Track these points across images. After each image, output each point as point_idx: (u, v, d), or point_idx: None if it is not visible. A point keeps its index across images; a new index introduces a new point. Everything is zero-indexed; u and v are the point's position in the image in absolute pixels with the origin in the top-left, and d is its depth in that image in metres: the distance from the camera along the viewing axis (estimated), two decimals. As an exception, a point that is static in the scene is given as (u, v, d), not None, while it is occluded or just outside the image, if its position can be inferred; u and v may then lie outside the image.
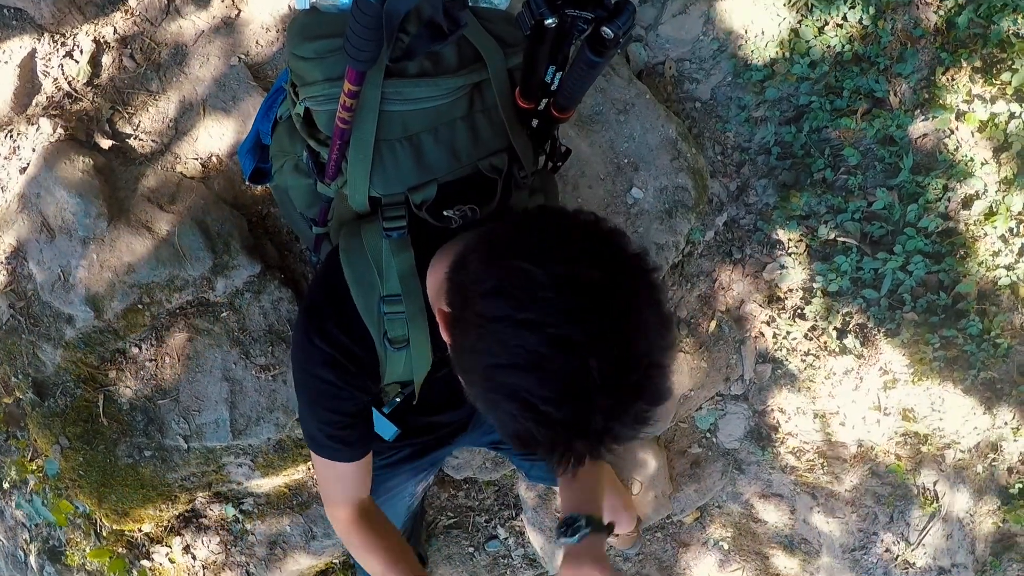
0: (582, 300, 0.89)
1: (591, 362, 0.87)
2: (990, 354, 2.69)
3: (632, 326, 0.91)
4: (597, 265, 0.91)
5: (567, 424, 0.90)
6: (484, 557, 2.77)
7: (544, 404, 0.89)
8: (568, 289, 0.89)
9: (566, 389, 0.89)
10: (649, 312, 0.94)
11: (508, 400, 0.92)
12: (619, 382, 0.89)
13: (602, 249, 0.95)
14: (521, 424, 0.92)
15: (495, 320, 0.91)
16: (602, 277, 0.90)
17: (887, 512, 2.94)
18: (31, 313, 2.12)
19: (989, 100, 2.52)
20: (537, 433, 0.91)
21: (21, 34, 2.24)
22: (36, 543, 2.46)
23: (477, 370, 0.95)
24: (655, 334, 0.94)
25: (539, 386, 0.89)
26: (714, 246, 2.76)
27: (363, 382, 1.37)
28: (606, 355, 0.88)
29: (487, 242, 1.00)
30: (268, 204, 2.27)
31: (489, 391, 0.95)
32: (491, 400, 0.95)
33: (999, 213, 2.57)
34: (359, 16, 1.03)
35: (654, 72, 2.67)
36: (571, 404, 0.89)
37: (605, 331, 0.89)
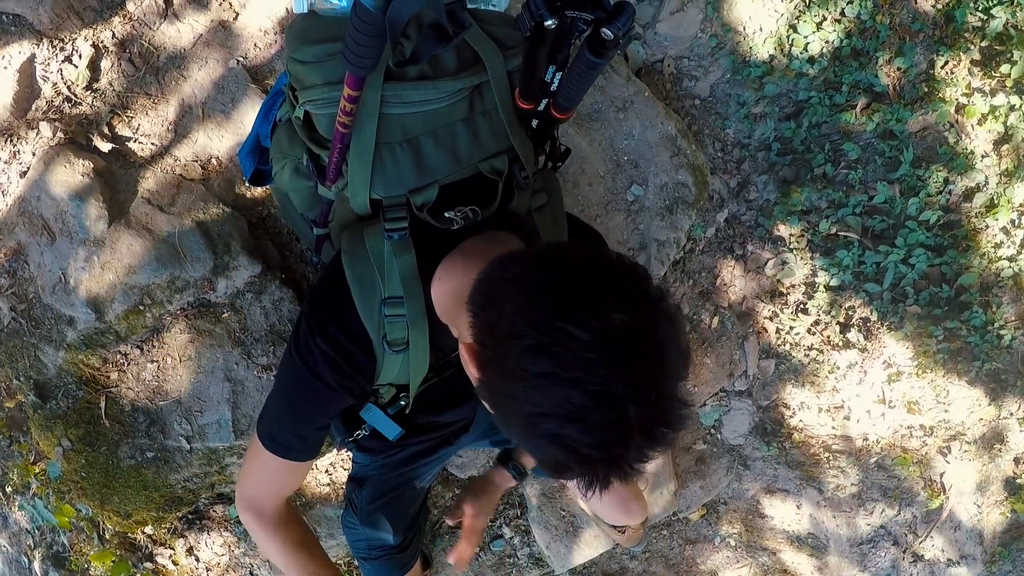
0: (620, 352, 0.92)
1: (630, 410, 0.93)
2: (994, 345, 2.69)
3: (663, 370, 0.97)
4: (628, 311, 0.95)
5: (605, 462, 0.97)
6: (490, 557, 2.76)
7: (585, 448, 0.95)
8: (607, 344, 0.92)
9: (607, 436, 0.94)
10: (674, 351, 0.98)
11: (549, 444, 0.97)
12: (654, 423, 0.95)
13: (630, 292, 0.99)
14: (560, 461, 0.98)
15: (539, 376, 0.94)
16: (634, 323, 0.94)
17: (894, 505, 2.93)
18: (32, 315, 2.12)
19: (989, 93, 2.51)
20: (575, 468, 0.98)
21: (20, 39, 2.24)
22: (40, 549, 2.46)
23: (517, 415, 1.00)
24: (680, 371, 1.00)
25: (582, 435, 0.94)
26: (715, 242, 2.75)
27: (357, 384, 1.38)
28: (644, 401, 0.93)
29: (521, 287, 1.01)
30: (268, 205, 2.28)
31: (530, 435, 1.00)
32: (531, 440, 1.01)
33: (1000, 205, 2.56)
34: (359, 24, 1.03)
35: (653, 70, 2.67)
36: (611, 448, 0.95)
37: (641, 379, 0.94)
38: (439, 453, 1.99)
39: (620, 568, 3.01)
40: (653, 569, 3.02)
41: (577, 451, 0.95)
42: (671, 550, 3.04)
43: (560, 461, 0.98)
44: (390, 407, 1.71)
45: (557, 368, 0.92)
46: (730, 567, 3.07)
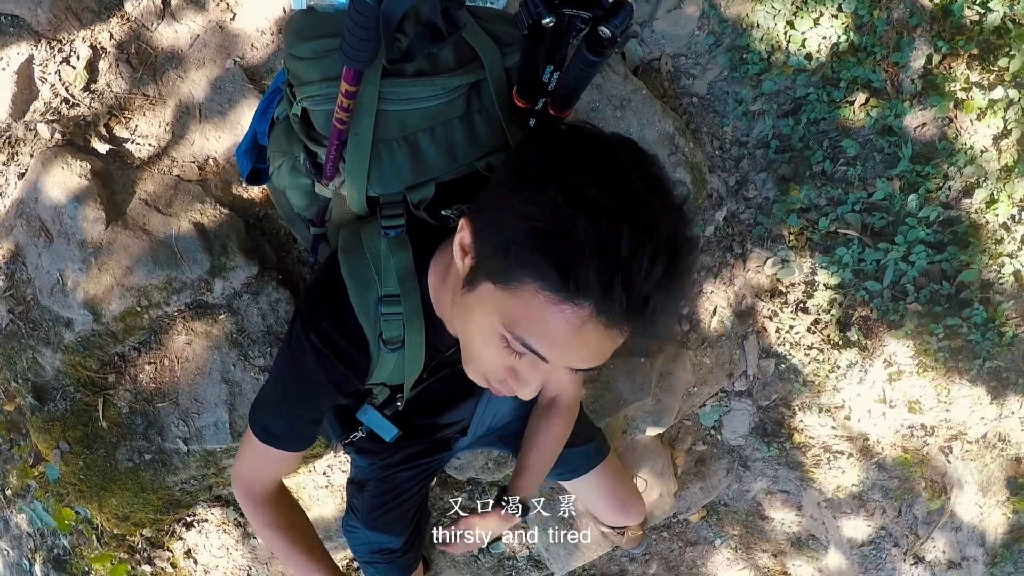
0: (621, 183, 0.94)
1: (624, 158, 0.97)
2: (995, 343, 2.67)
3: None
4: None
5: (611, 210, 0.91)
6: (489, 559, 2.75)
7: (584, 186, 0.92)
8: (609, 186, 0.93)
9: (606, 172, 0.94)
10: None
11: (547, 189, 0.93)
12: (653, 180, 0.97)
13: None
14: (564, 219, 0.91)
15: (538, 195, 0.95)
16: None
17: (895, 506, 2.92)
18: (30, 317, 2.12)
19: (987, 87, 2.51)
20: (581, 226, 0.90)
21: (18, 41, 2.25)
22: (41, 552, 2.45)
23: (515, 198, 0.98)
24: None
25: (576, 168, 0.95)
26: (714, 241, 2.75)
27: (348, 382, 1.37)
28: (637, 158, 0.98)
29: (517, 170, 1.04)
30: (265, 206, 2.27)
31: (526, 196, 0.96)
32: (528, 209, 0.95)
33: (1000, 200, 2.55)
34: (356, 17, 1.02)
35: (650, 68, 2.67)
36: (612, 190, 0.92)
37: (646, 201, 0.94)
38: (437, 456, 1.99)
39: (620, 570, 3.00)
40: (653, 571, 3.01)
41: (581, 192, 0.91)
42: (671, 552, 3.03)
43: (564, 223, 0.91)
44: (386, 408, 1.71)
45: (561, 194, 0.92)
46: (730, 569, 3.06)
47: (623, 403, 2.49)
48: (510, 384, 1.11)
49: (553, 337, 0.98)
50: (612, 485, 2.20)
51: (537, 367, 1.06)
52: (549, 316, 0.96)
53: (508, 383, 1.12)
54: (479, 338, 1.09)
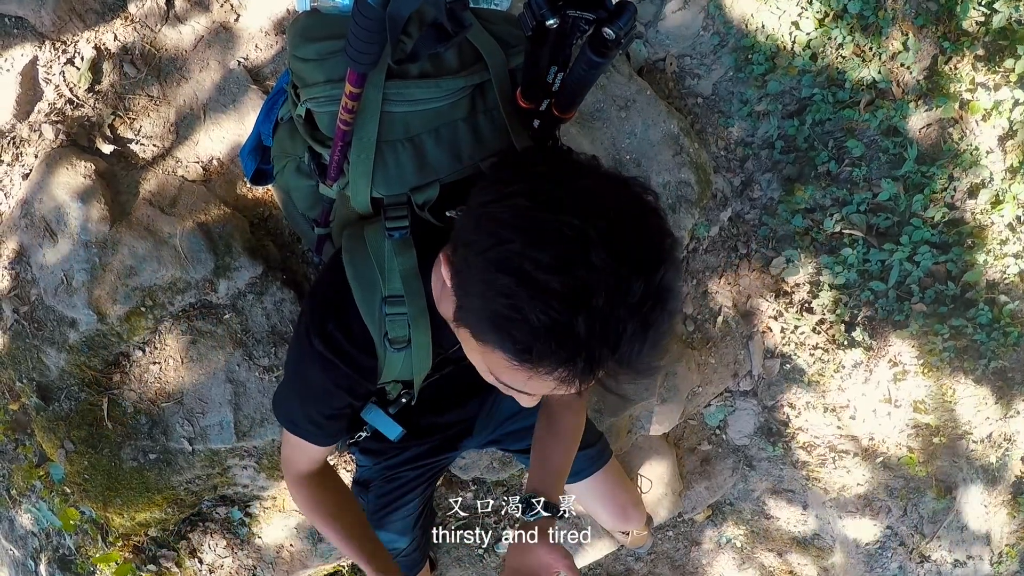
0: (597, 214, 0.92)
1: (590, 229, 0.89)
2: (1000, 343, 2.67)
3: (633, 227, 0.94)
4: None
5: (566, 297, 0.88)
6: (494, 559, 2.75)
7: (539, 271, 0.89)
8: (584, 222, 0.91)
9: (564, 253, 0.89)
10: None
11: (504, 274, 0.91)
12: (619, 249, 0.90)
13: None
14: (519, 308, 0.90)
15: (508, 239, 0.93)
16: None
17: (900, 505, 2.91)
18: (35, 317, 2.12)
19: (993, 88, 2.50)
20: (535, 316, 0.89)
21: (22, 42, 2.25)
22: (46, 552, 2.46)
23: (477, 265, 0.96)
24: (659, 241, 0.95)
25: (533, 248, 0.90)
26: (719, 241, 2.74)
27: (356, 384, 1.37)
28: (605, 227, 0.91)
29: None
30: (269, 206, 2.28)
31: (485, 273, 0.94)
32: (487, 288, 0.94)
33: (1006, 201, 2.55)
34: (360, 20, 1.02)
35: (655, 68, 2.67)
36: (569, 271, 0.89)
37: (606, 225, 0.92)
38: (442, 456, 1.99)
39: (625, 570, 3.00)
40: (658, 571, 3.01)
41: (530, 275, 0.89)
42: (676, 551, 3.03)
43: (520, 310, 0.90)
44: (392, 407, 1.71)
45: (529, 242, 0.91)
46: (736, 568, 3.06)
47: (628, 403, 2.49)
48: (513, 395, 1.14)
49: (531, 388, 1.03)
50: (613, 490, 2.21)
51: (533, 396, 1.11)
52: (520, 376, 0.99)
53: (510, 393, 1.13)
54: (483, 374, 1.14)
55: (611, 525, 2.35)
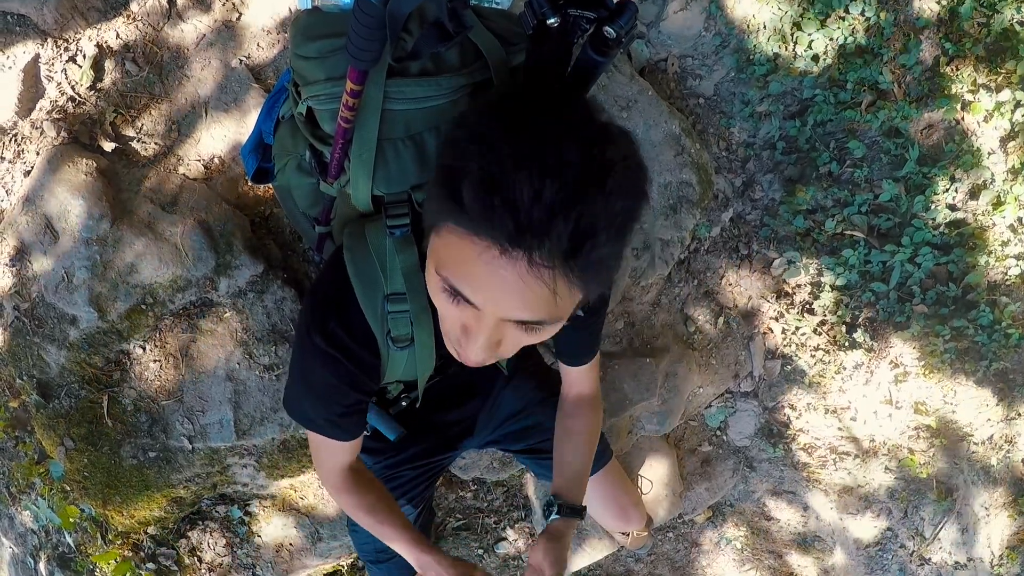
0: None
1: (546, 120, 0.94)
2: (1002, 344, 2.66)
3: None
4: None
5: (506, 145, 0.90)
6: (494, 559, 2.75)
7: (491, 129, 0.92)
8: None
9: (514, 123, 0.93)
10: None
11: (463, 135, 0.94)
12: (570, 124, 0.94)
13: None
14: (461, 156, 0.92)
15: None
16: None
17: (901, 507, 2.91)
18: (35, 315, 2.12)
19: (994, 89, 2.50)
20: (473, 161, 0.90)
21: (25, 40, 2.26)
22: (46, 550, 2.46)
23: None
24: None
25: (492, 126, 0.93)
26: (720, 242, 2.74)
27: (360, 381, 1.37)
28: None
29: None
30: (271, 204, 2.28)
31: (443, 150, 0.98)
32: (442, 157, 0.97)
33: (1007, 202, 2.54)
34: (361, 17, 1.02)
35: (656, 69, 2.67)
36: (522, 132, 0.91)
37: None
38: (443, 455, 1.99)
39: (625, 571, 3.00)
40: (658, 572, 3.00)
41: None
42: (677, 552, 3.02)
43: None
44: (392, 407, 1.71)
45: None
46: (736, 570, 3.05)
47: (628, 403, 2.49)
48: (464, 343, 1.09)
49: (472, 277, 0.96)
50: (613, 491, 2.20)
51: (480, 318, 1.03)
52: (462, 252, 0.95)
53: (463, 342, 1.09)
54: (432, 294, 1.08)
55: (611, 526, 2.35)
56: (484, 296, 0.98)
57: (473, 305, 1.00)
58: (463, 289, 0.99)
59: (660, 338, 2.66)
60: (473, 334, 1.06)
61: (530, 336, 1.06)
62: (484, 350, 1.07)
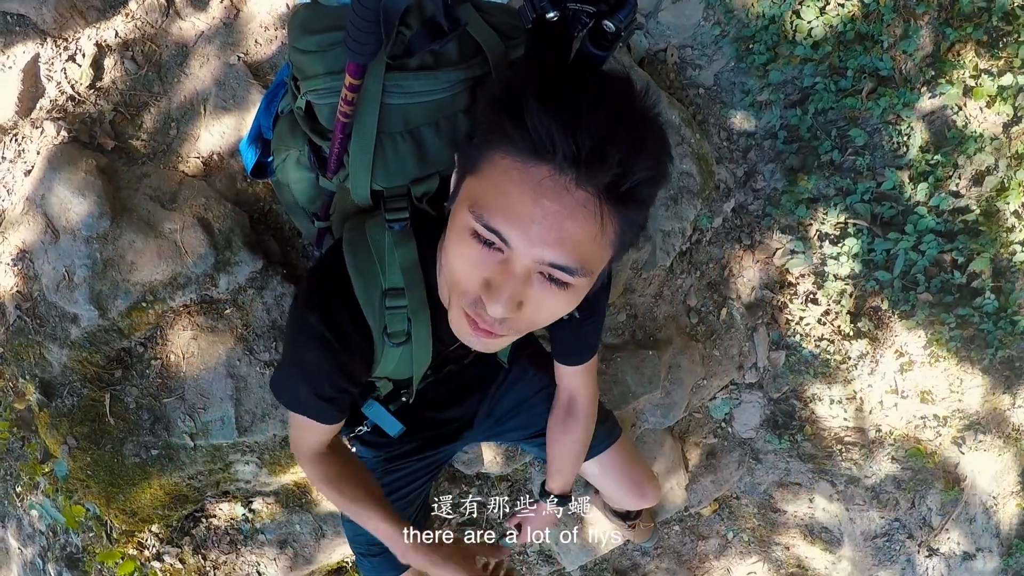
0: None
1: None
2: (1007, 332, 2.64)
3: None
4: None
5: (559, 78, 0.96)
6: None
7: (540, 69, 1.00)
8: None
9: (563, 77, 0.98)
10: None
11: (512, 74, 1.02)
12: (613, 92, 0.97)
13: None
14: (518, 86, 0.96)
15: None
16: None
17: (908, 498, 2.89)
18: (37, 314, 2.13)
19: (996, 74, 2.48)
20: (530, 88, 0.94)
21: (24, 39, 2.26)
22: (54, 550, 2.46)
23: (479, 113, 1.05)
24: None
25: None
26: (723, 233, 2.73)
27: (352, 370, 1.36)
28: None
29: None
30: (270, 200, 2.28)
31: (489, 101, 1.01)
32: (489, 102, 1.01)
33: (1011, 188, 2.52)
34: (359, 10, 1.02)
35: (656, 59, 2.66)
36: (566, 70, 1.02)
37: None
38: (442, 449, 1.98)
39: (632, 564, 2.99)
40: (665, 565, 2.99)
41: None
42: (683, 545, 3.01)
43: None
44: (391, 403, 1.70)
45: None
46: (743, 562, 3.04)
47: (632, 396, 2.48)
48: (484, 303, 1.05)
49: (514, 209, 0.96)
50: (627, 466, 2.17)
51: (507, 270, 1.01)
52: (507, 181, 0.96)
53: (481, 304, 1.06)
54: (454, 249, 1.06)
55: (625, 503, 2.31)
56: (523, 229, 0.97)
57: (506, 244, 0.99)
58: (500, 225, 0.98)
59: (663, 330, 2.65)
60: (497, 287, 1.02)
61: (555, 297, 1.04)
62: (506, 306, 1.02)
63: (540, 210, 0.94)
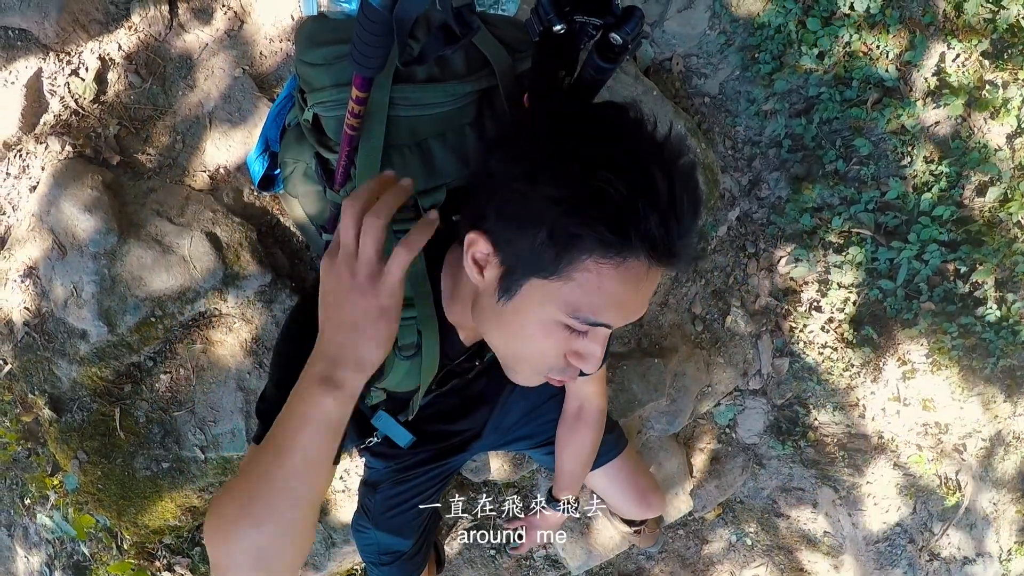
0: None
1: (653, 169, 0.96)
2: (1009, 341, 2.66)
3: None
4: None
5: (633, 161, 0.96)
6: (506, 559, 2.76)
7: (603, 149, 0.98)
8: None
9: (628, 154, 0.97)
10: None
11: (572, 164, 0.98)
12: (666, 156, 0.99)
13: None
14: (597, 184, 0.95)
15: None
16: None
17: (910, 504, 2.91)
18: (45, 330, 2.13)
19: (1001, 85, 2.49)
20: (615, 184, 0.94)
21: (27, 54, 2.25)
22: (61, 559, 2.47)
23: (530, 190, 1.01)
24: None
25: (605, 156, 0.97)
26: (727, 241, 2.74)
27: None
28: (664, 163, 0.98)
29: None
30: (277, 213, 2.27)
31: (550, 178, 0.99)
32: (557, 188, 0.98)
33: (1014, 199, 2.53)
34: (366, 23, 1.02)
35: (661, 68, 2.66)
36: (625, 143, 0.99)
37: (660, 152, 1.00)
38: (451, 459, 1.99)
39: (637, 568, 3.01)
40: (670, 569, 3.01)
41: (606, 163, 0.95)
42: (687, 550, 3.03)
43: (593, 183, 0.95)
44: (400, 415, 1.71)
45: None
46: (746, 566, 3.06)
47: (637, 404, 2.50)
48: (574, 365, 1.11)
49: (617, 301, 1.01)
50: (632, 476, 2.20)
51: (597, 337, 1.07)
52: (610, 283, 0.99)
53: (571, 366, 1.12)
54: (537, 336, 1.08)
55: (630, 513, 2.34)
56: (624, 314, 1.04)
57: (608, 327, 1.05)
58: (609, 319, 1.03)
59: (668, 338, 2.66)
60: (588, 354, 1.09)
61: (599, 383, 1.13)
62: (600, 358, 1.10)
63: (640, 296, 1.03)
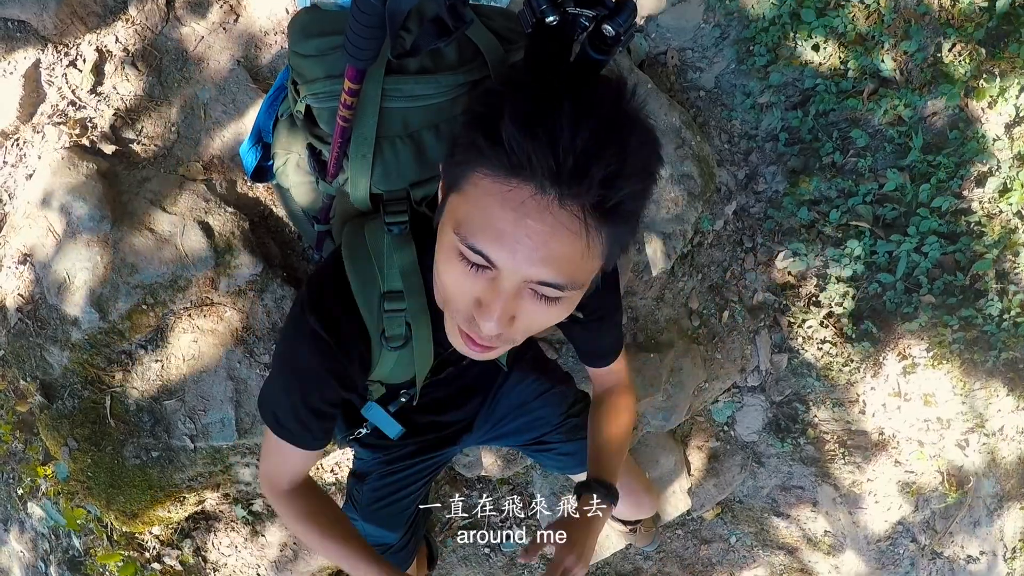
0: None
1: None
2: (1011, 334, 2.63)
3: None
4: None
5: (538, 87, 0.93)
6: (500, 557, 2.74)
7: (522, 75, 1.00)
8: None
9: (557, 79, 0.95)
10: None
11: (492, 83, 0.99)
12: (595, 92, 0.94)
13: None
14: (496, 99, 0.94)
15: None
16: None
17: (912, 501, 2.87)
18: (38, 316, 2.14)
19: (998, 74, 2.47)
20: (508, 102, 0.91)
21: (25, 45, 2.28)
22: (56, 553, 2.47)
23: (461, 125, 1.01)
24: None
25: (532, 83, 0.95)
26: (724, 235, 2.72)
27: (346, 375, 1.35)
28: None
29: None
30: (270, 203, 2.29)
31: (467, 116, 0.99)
32: (467, 119, 0.98)
33: (1014, 189, 2.51)
34: (359, 15, 1.02)
35: (656, 62, 2.66)
36: (549, 74, 0.97)
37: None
38: (442, 452, 1.98)
39: (634, 568, 2.98)
40: (668, 569, 2.98)
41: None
42: (686, 550, 3.00)
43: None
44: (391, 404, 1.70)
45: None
46: (746, 566, 3.03)
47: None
48: (477, 321, 1.04)
49: (498, 229, 0.94)
50: (625, 477, 2.17)
51: (496, 288, 0.99)
52: (489, 202, 0.93)
53: (475, 320, 1.05)
54: (443, 267, 1.04)
55: (622, 514, 2.32)
56: (508, 250, 0.95)
57: (493, 265, 0.97)
58: (485, 246, 0.96)
59: (664, 333, 2.64)
60: (487, 305, 1.01)
61: (546, 310, 1.03)
62: (498, 323, 1.02)
63: (524, 230, 0.93)
